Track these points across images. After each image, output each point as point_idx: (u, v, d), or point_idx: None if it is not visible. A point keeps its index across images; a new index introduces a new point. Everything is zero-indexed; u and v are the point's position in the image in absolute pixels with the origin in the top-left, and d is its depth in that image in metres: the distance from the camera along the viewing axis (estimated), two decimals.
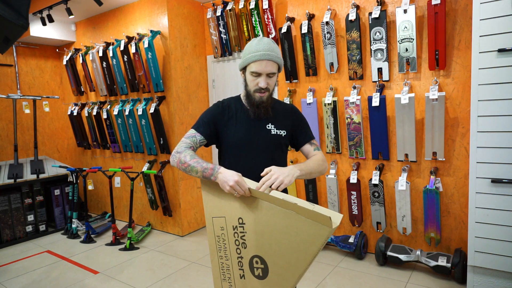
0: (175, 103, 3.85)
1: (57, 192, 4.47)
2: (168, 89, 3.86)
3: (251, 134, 1.49)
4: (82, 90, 4.84)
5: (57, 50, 5.15)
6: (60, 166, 4.33)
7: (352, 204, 3.25)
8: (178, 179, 3.91)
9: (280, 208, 1.22)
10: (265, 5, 3.43)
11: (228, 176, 1.27)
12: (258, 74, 1.42)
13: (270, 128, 1.50)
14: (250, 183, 1.30)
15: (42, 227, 4.32)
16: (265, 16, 3.48)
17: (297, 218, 1.18)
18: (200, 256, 3.44)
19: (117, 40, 4.18)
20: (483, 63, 2.22)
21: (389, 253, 2.93)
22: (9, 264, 3.49)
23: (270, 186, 1.26)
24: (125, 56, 3.96)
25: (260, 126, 1.50)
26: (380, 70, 2.98)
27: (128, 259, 3.46)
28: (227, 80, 4.04)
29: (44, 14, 3.98)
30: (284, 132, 1.52)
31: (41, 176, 4.28)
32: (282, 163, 1.56)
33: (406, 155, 2.93)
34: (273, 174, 1.27)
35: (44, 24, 4.06)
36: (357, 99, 3.05)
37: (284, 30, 3.35)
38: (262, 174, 1.31)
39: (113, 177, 3.92)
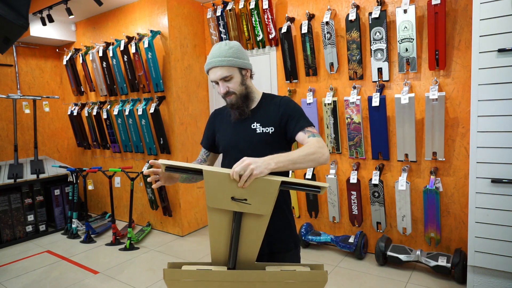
0: (175, 103, 3.85)
1: (57, 192, 4.47)
2: (168, 89, 3.86)
3: (236, 136, 1.49)
4: (82, 90, 4.83)
5: (57, 50, 5.15)
6: (60, 166, 4.33)
7: (352, 204, 3.25)
8: None
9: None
10: (265, 5, 3.42)
11: None
12: (216, 82, 1.46)
13: (255, 127, 1.46)
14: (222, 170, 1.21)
15: (42, 227, 4.32)
16: (265, 16, 3.48)
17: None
18: (200, 256, 3.44)
19: (117, 40, 4.18)
20: (483, 63, 2.22)
21: (389, 253, 2.93)
22: (9, 264, 3.49)
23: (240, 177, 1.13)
24: (125, 56, 3.96)
25: (244, 127, 1.48)
26: (380, 70, 2.98)
27: (128, 259, 3.46)
28: None
29: (44, 14, 3.98)
30: (271, 129, 1.45)
31: (41, 176, 4.28)
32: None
33: (406, 155, 2.93)
34: (245, 163, 1.12)
35: (44, 24, 4.06)
36: (357, 99, 3.05)
37: (284, 30, 3.35)
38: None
39: (113, 177, 3.92)
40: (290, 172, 3.49)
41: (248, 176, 1.11)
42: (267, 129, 1.45)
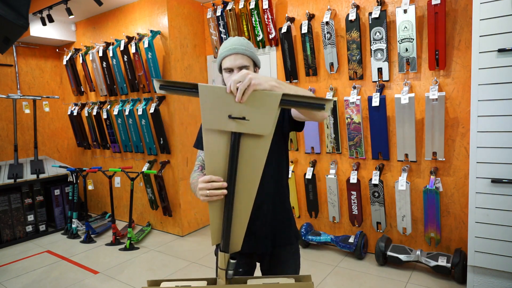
0: (175, 103, 3.85)
1: (57, 192, 4.47)
2: None
3: None
4: (82, 90, 4.83)
5: (57, 50, 5.15)
6: (60, 166, 4.33)
7: (352, 204, 3.25)
8: (178, 179, 3.91)
9: None
10: (265, 5, 3.42)
11: (199, 186, 1.15)
12: (230, 70, 1.39)
13: None
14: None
15: (42, 227, 4.32)
16: (265, 16, 3.48)
17: None
18: (200, 256, 3.44)
19: (117, 40, 4.18)
20: (483, 63, 2.22)
21: (389, 253, 2.93)
22: (9, 264, 3.49)
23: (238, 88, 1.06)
24: (125, 56, 3.96)
25: None
26: (380, 70, 2.98)
27: (128, 259, 3.46)
28: None
29: (44, 14, 3.98)
30: None
31: (41, 176, 4.28)
32: (281, 153, 1.50)
33: (406, 155, 2.93)
34: (244, 72, 1.06)
35: (44, 24, 4.06)
36: (357, 99, 3.05)
37: (284, 30, 3.35)
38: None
39: (113, 177, 3.92)
40: (290, 172, 3.49)
41: (247, 86, 1.02)
42: None
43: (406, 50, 2.80)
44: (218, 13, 3.72)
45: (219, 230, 1.17)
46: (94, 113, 4.47)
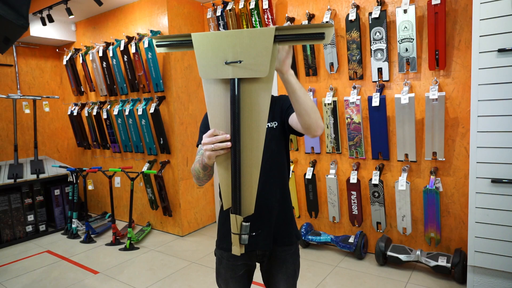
0: (175, 103, 3.85)
1: (57, 192, 4.47)
2: (168, 89, 3.86)
3: None
4: (82, 90, 4.83)
5: (57, 50, 5.15)
6: (60, 166, 4.33)
7: (352, 204, 3.25)
8: (178, 179, 3.91)
9: None
10: (265, 5, 3.42)
11: (203, 142, 1.13)
12: None
13: None
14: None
15: (42, 227, 4.32)
16: (265, 16, 3.48)
17: None
18: (200, 256, 3.44)
19: (117, 40, 4.18)
20: (483, 63, 2.22)
21: (389, 253, 2.93)
22: (9, 264, 3.49)
23: None
24: (125, 56, 3.96)
25: None
26: (380, 70, 2.98)
27: (128, 259, 3.46)
28: None
29: (44, 14, 3.98)
30: (275, 124, 1.46)
31: (41, 176, 4.28)
32: (282, 153, 1.51)
33: (406, 155, 2.93)
34: None
35: (44, 24, 4.06)
36: (357, 99, 3.04)
37: None
38: None
39: (113, 177, 3.92)
40: (291, 172, 3.49)
41: None
42: (271, 124, 1.47)
43: (406, 50, 2.80)
44: (218, 13, 3.72)
45: (229, 192, 1.13)
46: (94, 113, 4.47)
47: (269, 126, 1.47)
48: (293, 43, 1.02)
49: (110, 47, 4.13)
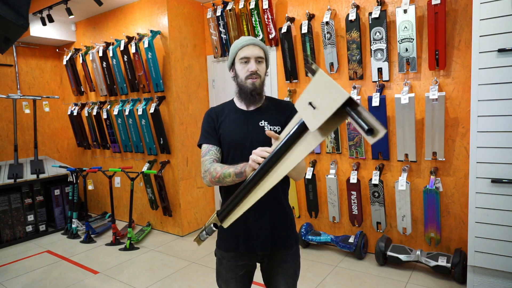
0: (175, 103, 3.85)
1: (57, 192, 4.47)
2: (168, 89, 3.86)
3: (244, 133, 1.47)
4: (82, 90, 4.83)
5: (57, 50, 5.15)
6: (60, 166, 4.33)
7: (352, 204, 3.25)
8: (178, 179, 3.91)
9: None
10: (265, 5, 3.42)
11: (258, 149, 1.22)
12: (247, 59, 1.44)
13: (263, 125, 1.47)
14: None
15: (42, 227, 4.32)
16: (265, 16, 3.48)
17: None
18: (200, 256, 3.44)
19: (117, 40, 4.18)
20: (483, 63, 2.22)
21: (389, 253, 2.93)
22: (9, 264, 3.49)
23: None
24: (125, 56, 3.96)
25: (253, 124, 1.48)
26: (380, 70, 2.98)
27: (128, 259, 3.46)
28: (227, 80, 4.04)
29: (44, 14, 3.98)
30: (278, 128, 1.48)
31: (41, 176, 4.28)
32: None
33: (406, 155, 2.93)
34: None
35: (44, 24, 4.06)
36: (357, 99, 3.04)
37: (284, 30, 3.35)
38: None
39: (113, 177, 3.92)
40: None
41: None
42: (274, 128, 1.48)
43: (406, 50, 2.80)
44: (218, 13, 3.72)
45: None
46: (94, 113, 4.47)
47: (272, 129, 1.48)
48: (350, 120, 0.89)
49: (110, 47, 4.13)
